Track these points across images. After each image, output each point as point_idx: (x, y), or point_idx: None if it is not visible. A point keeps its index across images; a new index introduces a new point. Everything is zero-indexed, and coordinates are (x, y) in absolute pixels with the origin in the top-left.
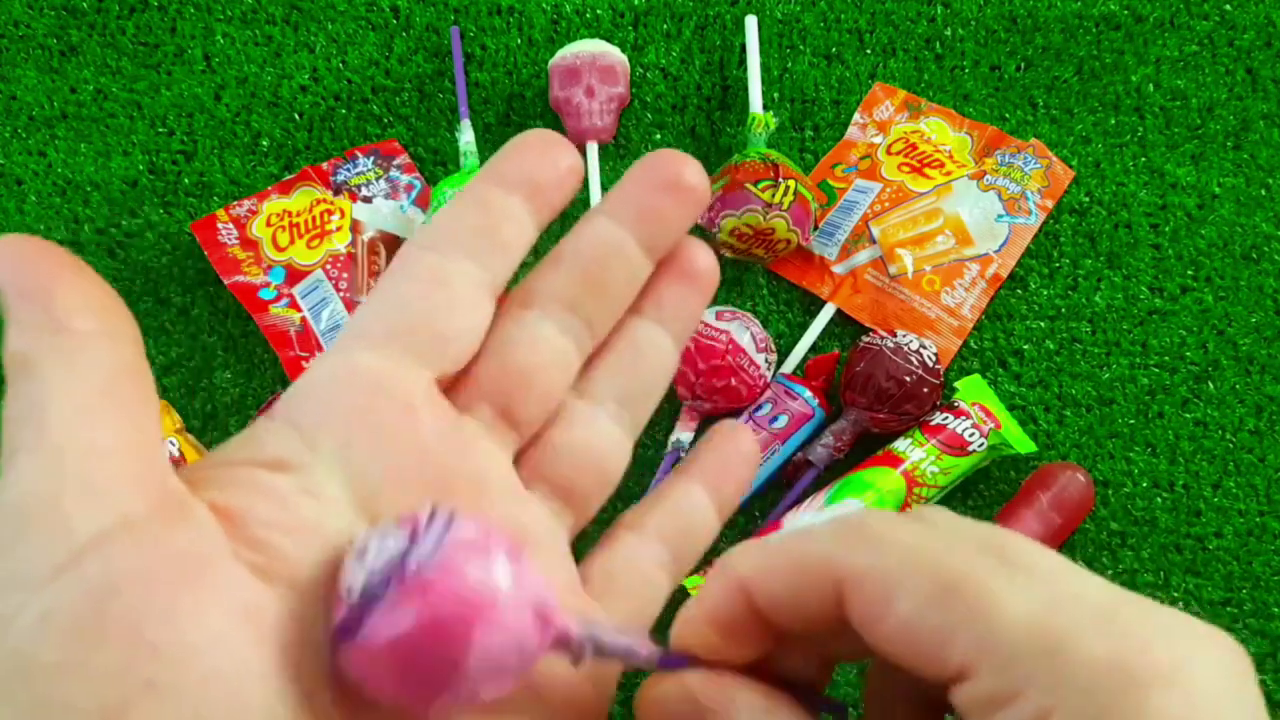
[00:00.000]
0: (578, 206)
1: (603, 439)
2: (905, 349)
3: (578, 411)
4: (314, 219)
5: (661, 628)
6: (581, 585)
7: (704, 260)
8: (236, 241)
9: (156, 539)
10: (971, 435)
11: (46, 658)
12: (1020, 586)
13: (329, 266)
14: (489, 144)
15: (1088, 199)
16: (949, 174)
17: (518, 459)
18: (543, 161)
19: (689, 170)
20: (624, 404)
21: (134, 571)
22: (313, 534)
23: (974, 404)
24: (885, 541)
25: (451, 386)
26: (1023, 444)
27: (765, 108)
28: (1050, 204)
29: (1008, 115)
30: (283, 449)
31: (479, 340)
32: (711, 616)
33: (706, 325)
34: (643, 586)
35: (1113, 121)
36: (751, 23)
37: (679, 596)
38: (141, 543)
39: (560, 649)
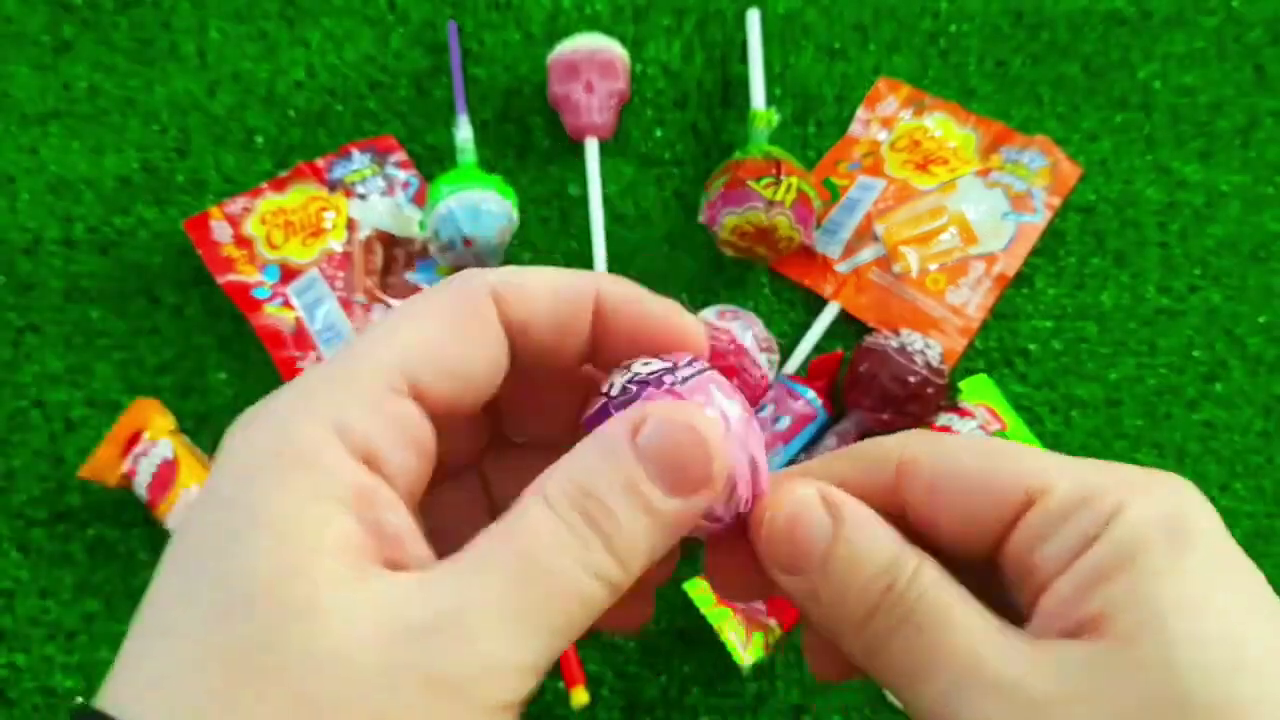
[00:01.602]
0: (578, 205)
1: None
2: (909, 349)
3: None
4: (309, 217)
5: None
6: None
7: None
8: (230, 239)
9: None
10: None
11: None
12: (1060, 455)
13: (324, 265)
14: (486, 140)
15: (1095, 197)
16: (954, 171)
17: None
18: None
19: None
20: None
21: None
22: None
23: (979, 405)
24: (932, 433)
25: None
26: (1029, 445)
27: (767, 104)
28: (1057, 201)
29: (1013, 112)
30: None
31: None
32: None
33: (709, 325)
34: None
35: (1119, 118)
36: (754, 17)
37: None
38: None
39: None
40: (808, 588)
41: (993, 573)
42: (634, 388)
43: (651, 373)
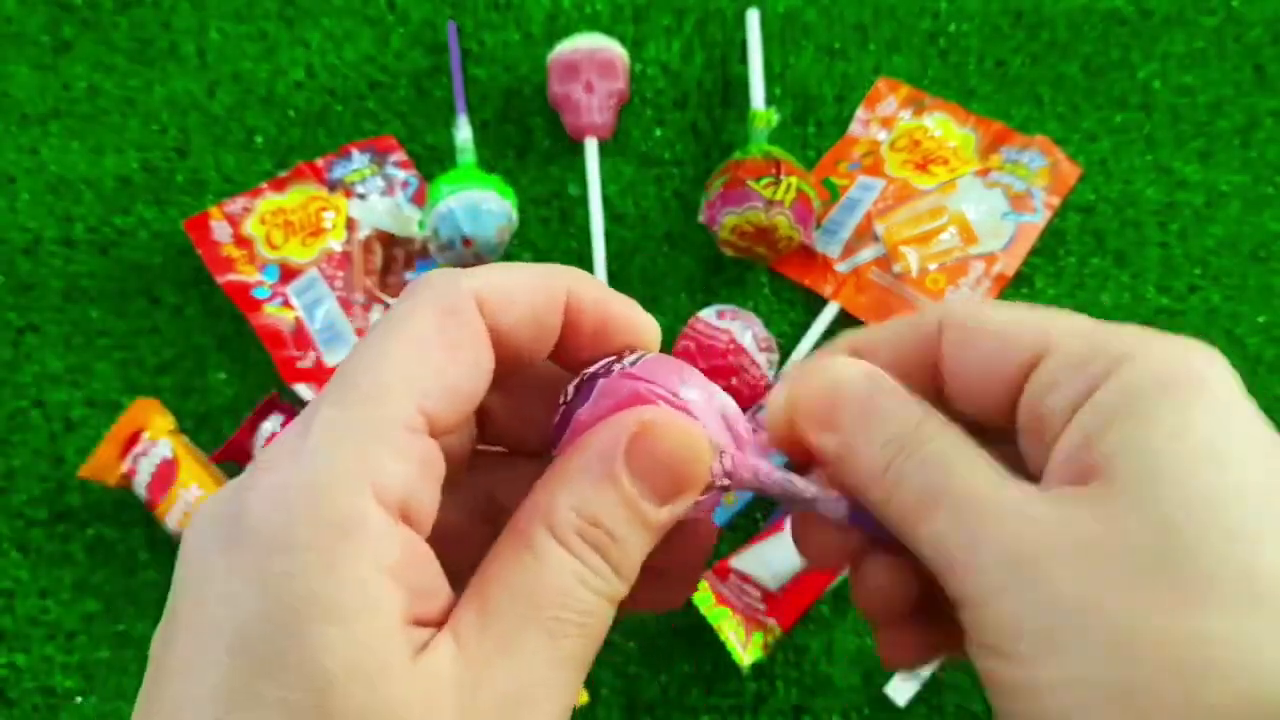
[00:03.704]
0: (577, 205)
1: None
2: None
3: None
4: (309, 217)
5: None
6: None
7: None
8: (230, 239)
9: None
10: None
11: None
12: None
13: (324, 265)
14: (486, 140)
15: (1094, 196)
16: (953, 171)
17: None
18: None
19: None
20: None
21: None
22: None
23: None
24: (981, 299)
25: None
26: None
27: (767, 104)
28: (1056, 201)
29: (1013, 111)
30: None
31: None
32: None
33: (708, 325)
34: None
35: (1119, 118)
36: (753, 17)
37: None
38: None
39: (735, 477)
40: (839, 441)
41: (1018, 444)
42: (588, 383)
43: (600, 367)
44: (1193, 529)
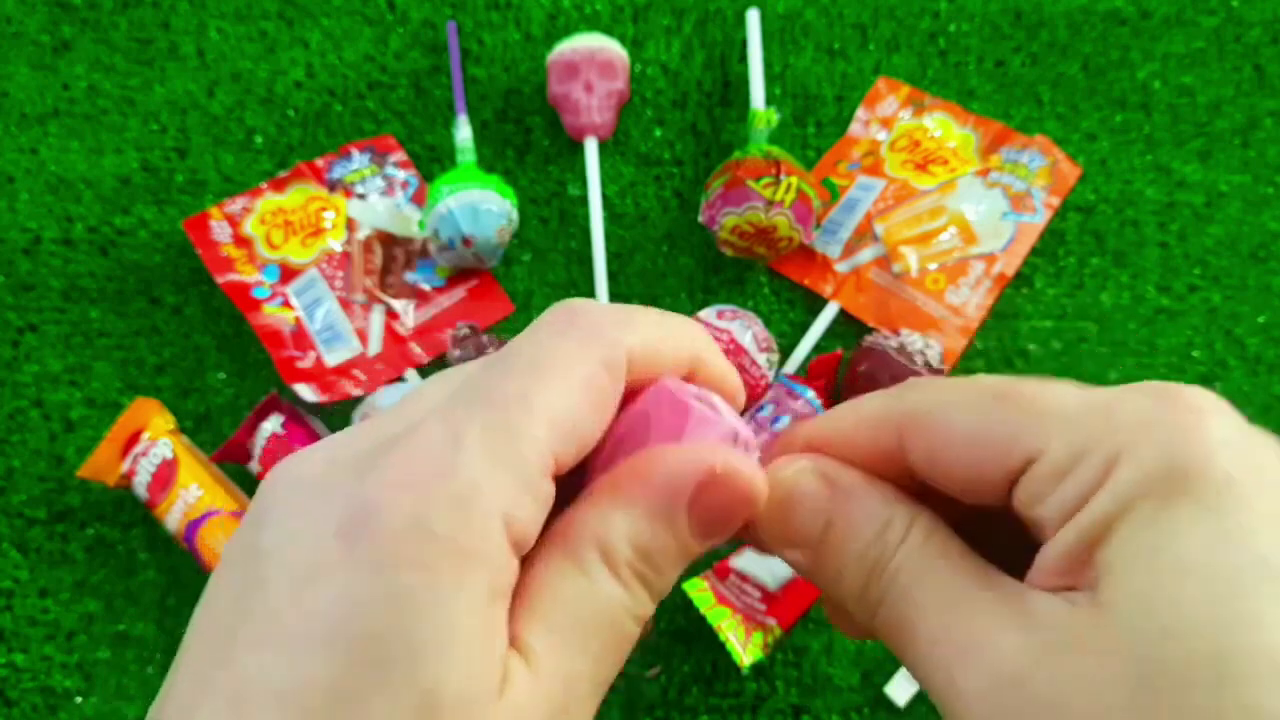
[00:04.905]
0: (577, 205)
1: None
2: (909, 349)
3: None
4: (309, 216)
5: None
6: None
7: None
8: (230, 239)
9: None
10: None
11: None
12: (1056, 386)
13: (323, 265)
14: (486, 140)
15: (1094, 196)
16: (953, 171)
17: None
18: None
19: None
20: None
21: None
22: None
23: None
24: (933, 384)
25: None
26: None
27: (767, 104)
28: (1056, 201)
29: (1013, 111)
30: None
31: None
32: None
33: (708, 325)
34: None
35: (1119, 118)
36: (753, 17)
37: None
38: None
39: None
40: (808, 560)
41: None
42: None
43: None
44: (1180, 660)
